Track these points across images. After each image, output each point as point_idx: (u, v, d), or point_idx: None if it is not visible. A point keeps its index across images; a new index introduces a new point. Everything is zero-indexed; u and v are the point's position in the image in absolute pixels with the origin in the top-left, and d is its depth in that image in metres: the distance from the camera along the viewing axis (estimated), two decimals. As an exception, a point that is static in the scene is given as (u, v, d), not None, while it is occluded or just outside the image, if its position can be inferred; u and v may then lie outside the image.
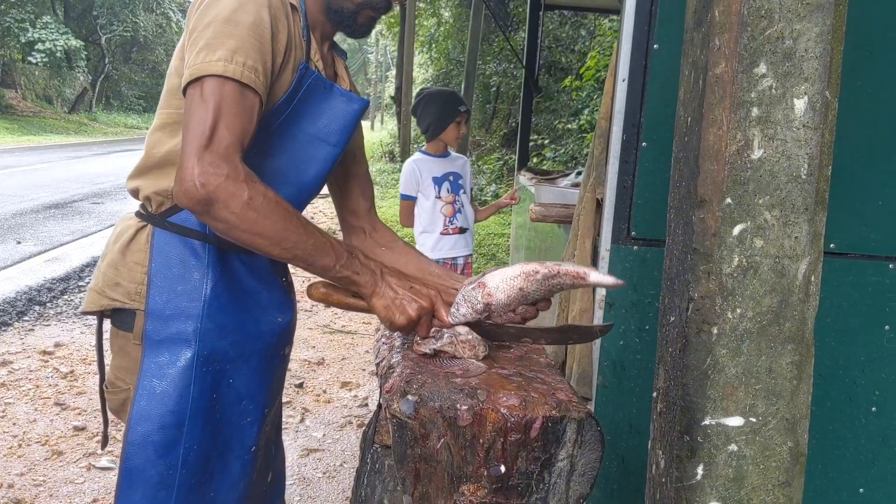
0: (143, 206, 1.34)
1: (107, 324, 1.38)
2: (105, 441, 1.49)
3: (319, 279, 1.25)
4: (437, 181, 3.46)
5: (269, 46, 1.16)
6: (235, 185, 1.07)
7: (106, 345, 1.40)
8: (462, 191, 3.54)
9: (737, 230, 0.96)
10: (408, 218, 3.56)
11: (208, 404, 1.28)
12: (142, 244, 1.28)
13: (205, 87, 1.10)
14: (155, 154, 1.30)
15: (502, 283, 1.20)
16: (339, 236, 1.54)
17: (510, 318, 1.30)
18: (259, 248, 1.14)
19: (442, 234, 3.47)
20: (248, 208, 1.08)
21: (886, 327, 1.67)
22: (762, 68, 0.93)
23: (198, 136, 1.07)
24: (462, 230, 3.54)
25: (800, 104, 0.94)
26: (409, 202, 3.52)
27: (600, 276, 1.19)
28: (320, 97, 1.31)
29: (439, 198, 3.46)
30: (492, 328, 1.28)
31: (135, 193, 1.34)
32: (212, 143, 1.07)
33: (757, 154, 0.95)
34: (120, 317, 1.30)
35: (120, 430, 3.06)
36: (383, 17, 1.42)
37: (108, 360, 1.39)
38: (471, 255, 3.64)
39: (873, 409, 1.70)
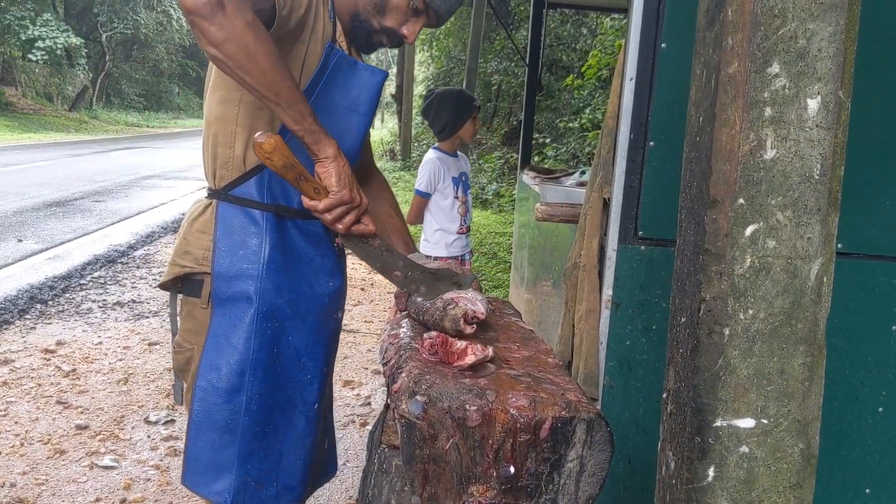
0: (208, 187, 1.48)
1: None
2: (179, 394, 1.56)
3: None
4: (455, 181, 3.44)
5: None
6: (244, 4, 1.13)
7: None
8: (468, 190, 3.58)
9: (749, 231, 0.96)
10: (419, 215, 3.45)
11: (268, 357, 1.41)
12: (208, 216, 1.43)
13: None
14: (211, 119, 1.43)
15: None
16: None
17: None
18: (245, 72, 1.16)
19: (458, 233, 3.47)
20: (249, 29, 1.12)
21: (894, 328, 1.66)
22: (775, 68, 0.93)
23: None
24: (468, 229, 3.57)
25: (813, 104, 0.93)
26: (425, 199, 3.40)
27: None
28: (347, 72, 1.44)
29: (457, 198, 3.42)
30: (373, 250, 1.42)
31: (206, 174, 1.49)
32: None
33: (770, 154, 0.94)
34: (189, 286, 1.45)
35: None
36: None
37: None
38: (471, 251, 3.67)
39: (880, 409, 1.70)
